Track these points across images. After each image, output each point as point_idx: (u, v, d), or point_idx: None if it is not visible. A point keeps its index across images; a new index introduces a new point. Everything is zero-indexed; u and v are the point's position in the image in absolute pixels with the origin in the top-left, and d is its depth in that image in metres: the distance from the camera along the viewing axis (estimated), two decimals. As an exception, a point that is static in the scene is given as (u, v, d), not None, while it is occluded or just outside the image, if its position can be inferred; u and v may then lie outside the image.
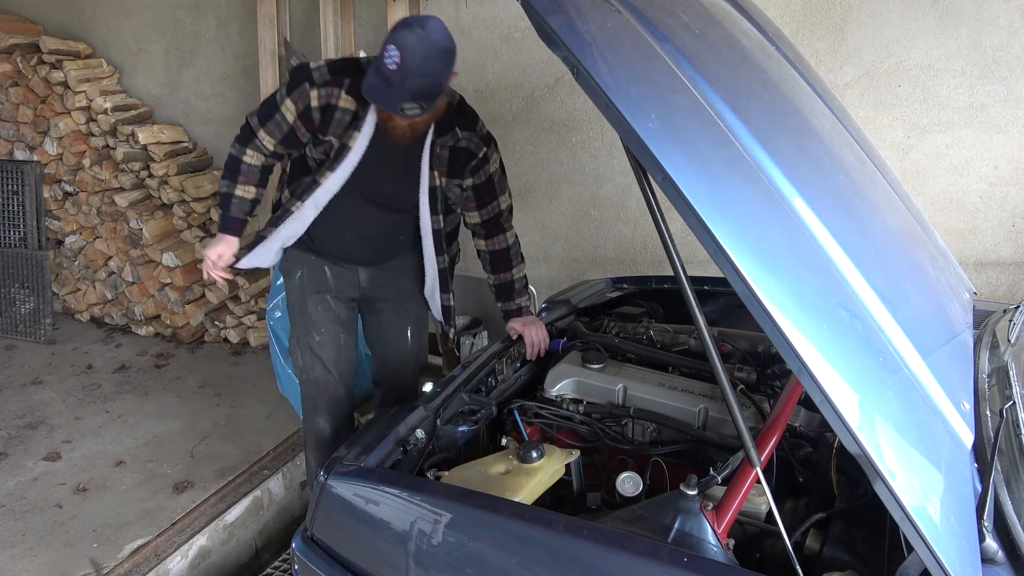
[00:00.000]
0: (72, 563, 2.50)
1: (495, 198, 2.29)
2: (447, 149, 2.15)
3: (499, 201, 2.30)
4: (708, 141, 1.19)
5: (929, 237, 1.92)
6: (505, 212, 2.34)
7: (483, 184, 2.25)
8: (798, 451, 1.68)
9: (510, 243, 2.36)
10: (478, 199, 2.28)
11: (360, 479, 1.50)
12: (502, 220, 2.33)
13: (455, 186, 2.22)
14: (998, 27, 2.61)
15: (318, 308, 2.40)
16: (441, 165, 2.16)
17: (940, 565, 1.03)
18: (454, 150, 2.16)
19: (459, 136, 2.15)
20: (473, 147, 2.17)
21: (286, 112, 2.11)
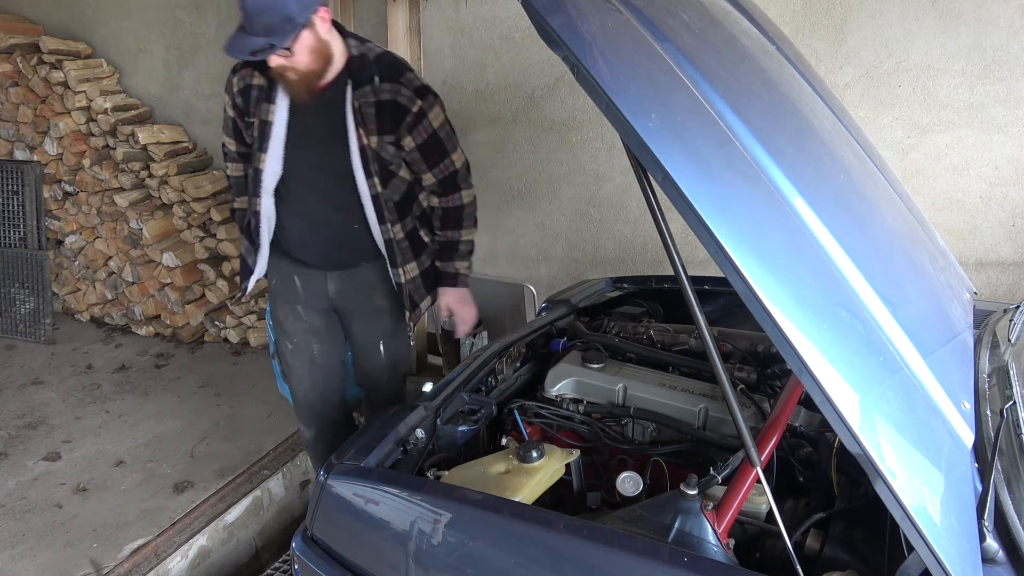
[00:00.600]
0: (72, 563, 2.50)
1: (446, 155, 2.18)
2: (372, 105, 2.04)
3: (452, 159, 2.19)
4: (708, 141, 1.19)
5: (929, 237, 1.92)
6: (461, 170, 2.23)
7: (427, 142, 2.12)
8: (798, 451, 1.68)
9: (464, 202, 2.27)
10: (426, 158, 2.16)
11: (360, 479, 1.50)
12: (458, 179, 2.23)
13: (389, 145, 2.10)
14: (998, 27, 2.61)
15: (288, 318, 2.39)
16: (368, 123, 2.05)
17: (940, 565, 1.03)
18: (380, 105, 2.05)
19: (381, 88, 2.04)
20: (404, 100, 2.05)
21: (227, 109, 2.20)
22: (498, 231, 3.73)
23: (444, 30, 3.51)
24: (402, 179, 2.19)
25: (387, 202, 2.16)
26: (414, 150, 2.13)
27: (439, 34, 3.53)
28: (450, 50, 3.53)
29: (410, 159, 2.16)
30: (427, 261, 2.34)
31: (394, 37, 3.48)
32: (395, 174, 2.16)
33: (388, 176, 2.14)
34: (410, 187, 2.23)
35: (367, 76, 2.03)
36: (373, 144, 2.07)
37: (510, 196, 3.64)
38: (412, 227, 2.27)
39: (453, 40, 3.51)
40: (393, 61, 2.10)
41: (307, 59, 1.93)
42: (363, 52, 2.06)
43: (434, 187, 2.24)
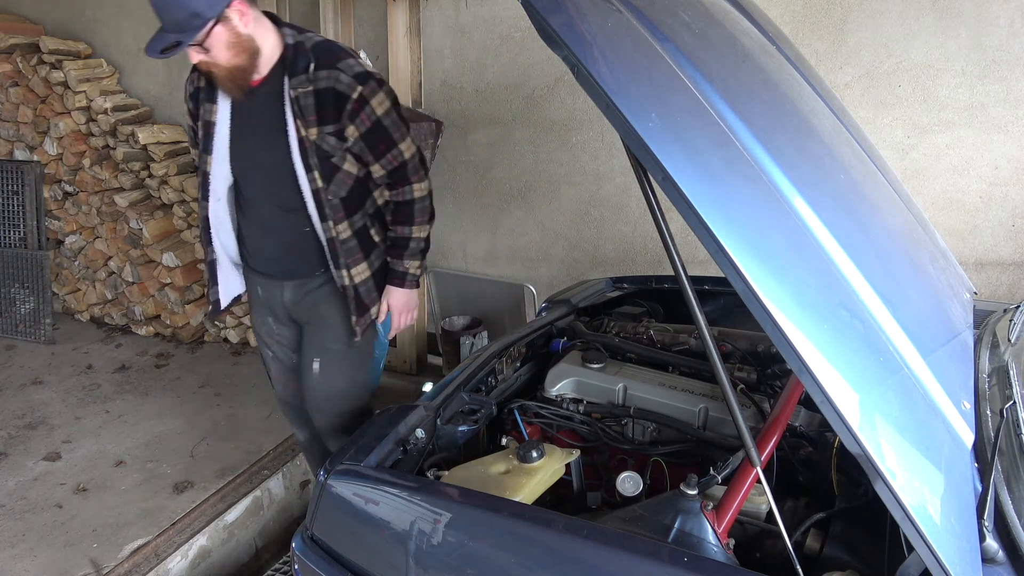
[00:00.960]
0: (72, 563, 2.50)
1: (393, 145, 2.06)
2: (310, 95, 1.95)
3: (400, 149, 2.07)
4: (708, 141, 1.19)
5: (929, 237, 1.92)
6: (411, 161, 2.10)
7: (371, 131, 2.01)
8: (798, 451, 1.68)
9: (416, 196, 2.14)
10: (372, 149, 2.05)
11: (360, 479, 1.50)
12: (408, 171, 2.11)
13: (329, 136, 1.99)
14: (998, 27, 2.61)
15: (263, 328, 2.37)
16: (307, 114, 1.96)
17: (940, 565, 1.03)
18: (319, 94, 1.95)
19: (316, 77, 1.95)
20: (343, 88, 1.95)
21: (187, 116, 2.18)
22: (498, 231, 3.73)
23: (444, 30, 3.51)
24: (347, 173, 2.07)
25: (330, 198, 2.05)
26: (358, 140, 2.02)
27: (439, 34, 3.53)
28: (450, 50, 3.53)
29: (356, 150, 2.05)
30: (377, 262, 2.21)
31: (394, 37, 3.49)
32: (338, 167, 2.04)
33: (331, 170, 2.04)
34: (360, 182, 2.11)
35: (303, 65, 1.95)
36: (312, 136, 1.98)
37: (510, 196, 3.64)
38: (361, 225, 2.15)
39: (453, 40, 3.51)
40: (332, 48, 2.00)
41: (227, 55, 1.88)
42: (299, 41, 1.98)
43: (384, 179, 2.14)
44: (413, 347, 3.87)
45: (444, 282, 3.88)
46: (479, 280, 3.80)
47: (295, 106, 1.96)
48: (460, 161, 3.69)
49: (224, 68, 1.90)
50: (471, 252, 3.84)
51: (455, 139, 3.65)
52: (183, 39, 1.78)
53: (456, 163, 3.70)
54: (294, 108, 1.96)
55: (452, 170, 3.73)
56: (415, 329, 3.86)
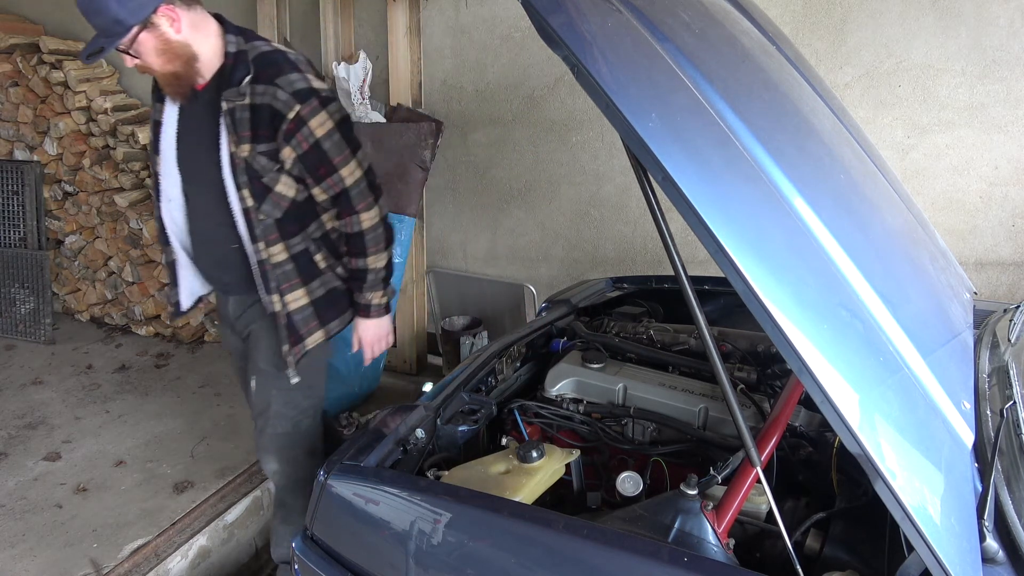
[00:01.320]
0: (72, 563, 2.49)
1: (333, 171, 1.93)
2: (246, 109, 1.85)
3: (340, 175, 1.94)
4: (708, 141, 1.19)
5: (929, 237, 1.92)
6: (353, 189, 1.96)
7: (308, 153, 1.90)
8: (798, 451, 1.68)
9: (364, 227, 2.00)
10: (311, 171, 1.93)
11: (360, 479, 1.50)
12: (352, 200, 1.97)
13: (261, 155, 1.88)
14: (998, 27, 2.61)
15: (224, 333, 2.35)
16: (240, 129, 1.85)
17: (940, 565, 1.03)
18: (255, 109, 1.85)
19: (254, 91, 1.84)
20: (279, 106, 1.84)
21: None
22: (498, 231, 3.74)
23: (444, 30, 3.51)
24: (281, 195, 1.94)
25: (263, 218, 1.93)
26: (296, 162, 1.92)
27: (439, 34, 3.53)
28: (450, 50, 3.53)
29: (296, 172, 1.94)
30: (320, 289, 2.07)
31: (394, 37, 3.49)
32: (271, 188, 1.92)
33: (263, 190, 1.91)
34: (300, 204, 1.99)
35: (239, 77, 1.84)
36: (244, 153, 1.87)
37: (510, 196, 3.64)
38: (302, 249, 2.02)
39: (453, 40, 3.51)
40: (276, 60, 1.87)
41: (158, 61, 1.82)
42: (242, 50, 1.88)
43: (328, 205, 2.02)
44: (413, 347, 3.87)
45: (444, 282, 3.88)
46: (479, 280, 3.80)
47: (228, 119, 1.86)
48: (460, 161, 3.69)
49: (159, 74, 1.86)
50: (471, 252, 3.85)
51: (455, 139, 3.65)
52: (106, 45, 1.74)
53: (456, 163, 3.70)
54: (227, 122, 1.86)
55: (452, 170, 3.73)
56: (415, 329, 3.86)
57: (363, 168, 1.98)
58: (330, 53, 3.65)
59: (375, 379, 3.62)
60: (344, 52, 3.68)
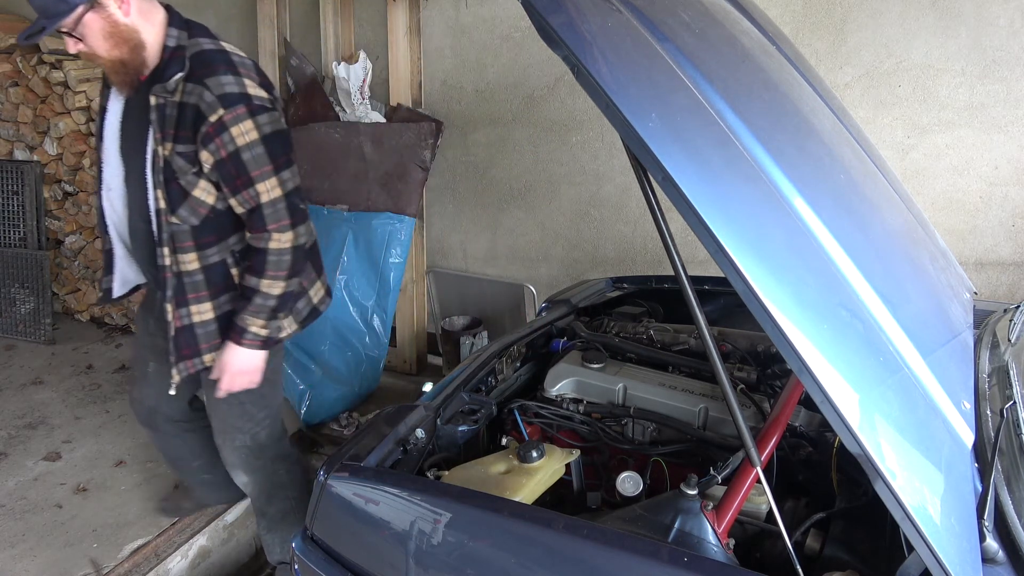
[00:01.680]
0: (72, 563, 2.49)
1: (250, 184, 1.81)
2: (175, 106, 1.78)
3: (256, 190, 1.81)
4: (708, 141, 1.19)
5: (929, 237, 1.92)
6: (268, 207, 1.83)
7: (226, 161, 1.79)
8: (798, 451, 1.68)
9: (269, 247, 1.86)
10: (226, 180, 1.83)
11: (360, 479, 1.50)
12: (266, 218, 1.84)
13: (180, 156, 1.80)
14: (998, 27, 2.61)
15: (139, 324, 2.23)
16: (166, 126, 1.78)
17: (940, 565, 1.03)
18: (182, 108, 1.78)
19: (184, 89, 1.77)
20: (203, 107, 1.75)
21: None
22: (498, 231, 3.74)
23: (444, 30, 3.51)
24: (199, 201, 1.85)
25: (176, 222, 1.85)
26: (213, 168, 1.82)
27: (439, 34, 3.53)
28: (450, 50, 3.53)
29: (214, 179, 1.85)
30: (227, 305, 1.97)
31: (394, 37, 3.49)
32: (188, 192, 1.84)
33: (179, 193, 1.83)
34: (219, 214, 1.90)
35: (172, 72, 1.77)
36: (165, 151, 1.80)
37: (510, 196, 3.64)
38: (218, 260, 1.93)
39: (453, 40, 3.51)
40: (211, 60, 1.79)
41: (104, 45, 1.74)
42: (181, 45, 1.81)
43: (245, 218, 1.90)
44: (413, 347, 3.87)
45: (444, 282, 3.88)
46: (479, 280, 3.80)
47: (155, 115, 1.78)
48: (460, 161, 3.69)
49: (104, 60, 1.77)
50: (471, 252, 3.85)
51: (455, 139, 3.65)
52: (47, 25, 1.66)
53: (456, 163, 3.70)
54: (154, 117, 1.79)
55: (452, 170, 3.73)
56: (415, 329, 3.86)
57: (285, 188, 1.85)
58: (330, 53, 3.65)
59: (375, 379, 3.62)
60: (344, 52, 3.68)
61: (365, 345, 3.52)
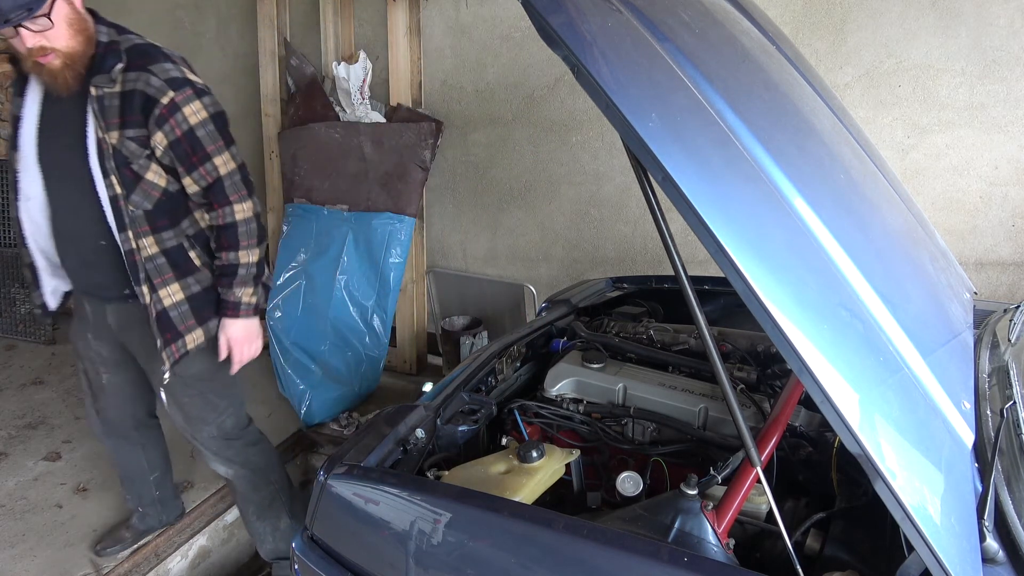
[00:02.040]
0: (72, 563, 2.50)
1: (207, 159, 1.91)
2: (115, 96, 1.83)
3: (214, 163, 1.92)
4: (708, 140, 1.19)
5: (929, 237, 1.92)
6: (227, 179, 1.95)
7: (180, 140, 1.88)
8: (798, 451, 1.68)
9: (237, 218, 1.97)
10: (183, 160, 1.91)
11: (360, 479, 1.50)
12: (226, 189, 1.95)
13: (129, 141, 1.85)
14: (998, 27, 2.61)
15: (79, 343, 2.22)
16: (109, 116, 1.83)
17: (941, 565, 1.03)
18: (125, 96, 1.83)
19: (125, 78, 1.83)
20: (152, 91, 1.83)
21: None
22: (498, 231, 3.74)
23: (444, 30, 3.51)
24: (152, 184, 1.92)
25: (132, 209, 1.90)
26: (167, 150, 1.89)
27: (439, 34, 3.53)
28: (450, 50, 3.53)
29: (166, 161, 1.92)
30: (196, 286, 2.03)
31: (394, 37, 3.49)
32: (140, 176, 1.90)
33: (132, 178, 1.89)
34: (172, 197, 1.97)
35: (111, 64, 1.83)
36: (112, 139, 1.84)
37: (510, 196, 3.64)
38: (175, 244, 1.99)
39: (453, 40, 3.51)
40: (148, 51, 1.88)
41: (67, 34, 1.76)
42: (114, 40, 1.88)
43: (199, 198, 1.99)
44: (413, 347, 3.87)
45: (444, 282, 3.89)
46: (479, 280, 3.80)
47: (96, 106, 1.83)
48: (460, 161, 3.69)
49: (63, 53, 1.77)
50: (471, 252, 3.84)
51: (455, 139, 3.65)
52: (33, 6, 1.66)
53: (456, 163, 3.70)
54: (94, 108, 1.83)
55: (452, 170, 3.73)
56: (415, 329, 3.86)
57: (237, 162, 1.97)
58: (330, 53, 3.65)
59: (375, 379, 3.62)
60: (344, 52, 3.68)
61: (365, 345, 3.52)
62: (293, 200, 3.67)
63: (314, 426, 3.34)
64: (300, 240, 3.58)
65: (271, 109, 3.87)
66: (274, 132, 3.87)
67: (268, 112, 3.89)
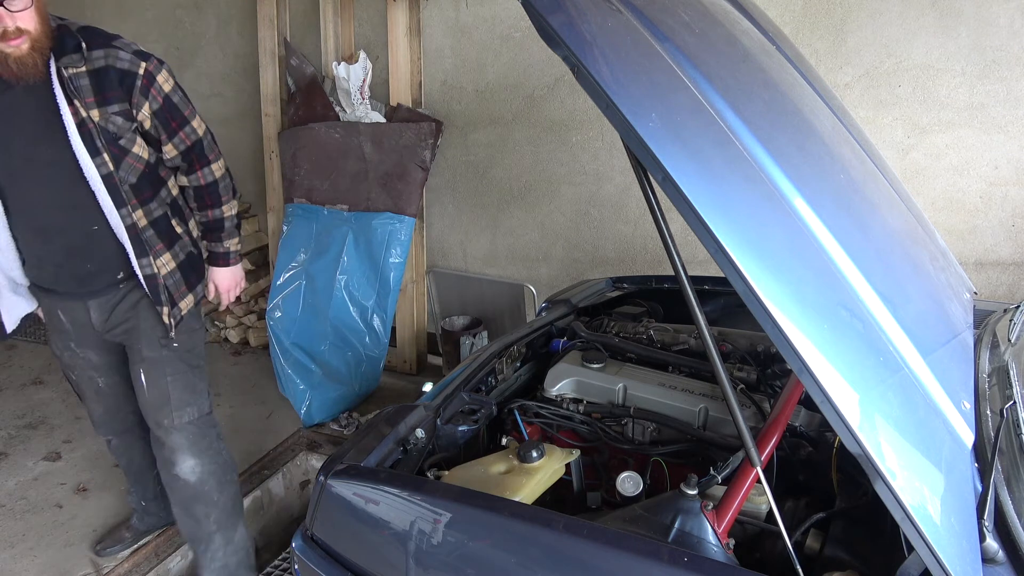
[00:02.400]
0: (72, 563, 2.50)
1: (185, 122, 1.99)
2: (84, 76, 1.82)
3: (192, 126, 2.01)
4: (709, 140, 1.19)
5: (929, 236, 1.92)
6: (205, 139, 2.05)
7: (162, 107, 1.94)
8: (798, 451, 1.68)
9: (217, 176, 2.09)
10: (164, 126, 1.96)
11: (360, 479, 1.50)
12: (205, 149, 2.05)
13: (115, 115, 1.87)
14: (998, 27, 2.61)
15: (65, 353, 2.17)
16: (84, 95, 1.82)
17: (940, 565, 1.03)
18: (96, 74, 1.83)
19: (92, 56, 1.83)
20: (125, 65, 1.86)
21: None
22: (498, 231, 3.74)
23: (444, 30, 3.51)
24: (137, 156, 1.94)
25: (123, 184, 1.91)
26: (152, 118, 1.94)
27: (439, 34, 3.53)
28: (450, 50, 3.53)
29: (150, 130, 1.96)
30: (181, 254, 2.09)
31: (394, 37, 3.49)
32: (127, 150, 1.91)
33: (121, 153, 1.90)
34: (151, 168, 2.00)
35: (72, 45, 1.82)
36: (96, 117, 1.84)
37: (510, 196, 3.64)
38: (161, 214, 2.03)
39: (453, 40, 3.51)
40: (97, 31, 1.89)
41: (37, 17, 1.73)
42: (63, 23, 1.86)
43: (178, 162, 2.04)
44: (413, 347, 3.87)
45: (444, 282, 3.89)
46: (479, 280, 3.80)
47: (69, 87, 1.80)
48: (460, 161, 3.69)
49: (31, 36, 1.73)
50: (471, 252, 3.84)
51: (455, 139, 3.65)
52: None
53: (456, 163, 3.70)
54: (68, 89, 1.80)
55: (452, 170, 3.73)
56: (415, 329, 3.86)
57: (205, 124, 2.07)
58: (330, 53, 3.65)
59: (375, 379, 3.62)
60: (344, 52, 3.68)
61: (365, 345, 3.52)
62: (293, 200, 3.67)
63: (314, 426, 3.34)
64: (300, 240, 3.58)
65: (271, 109, 3.88)
66: (274, 132, 3.87)
67: (268, 112, 3.89)
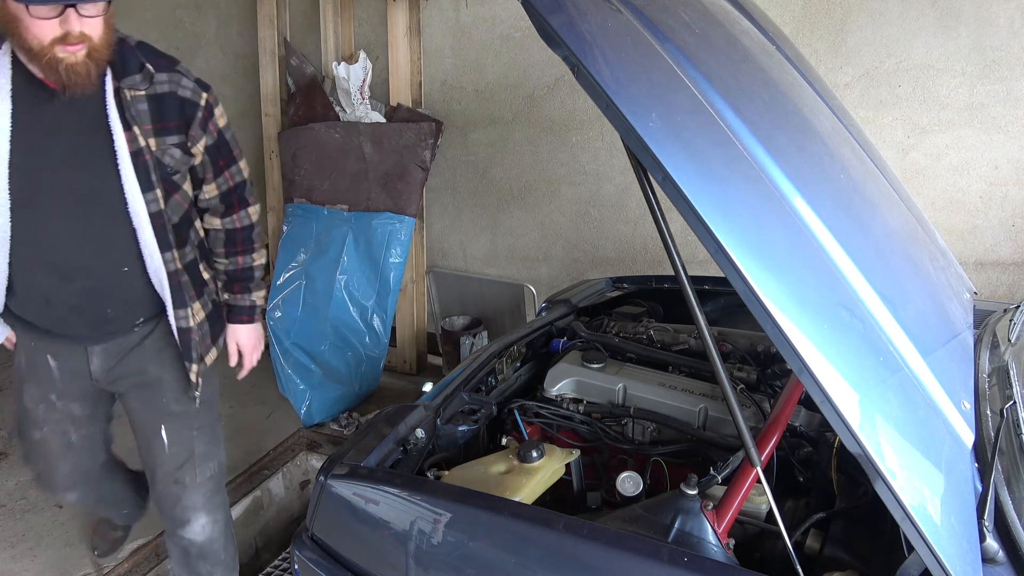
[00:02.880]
0: (72, 563, 2.50)
1: (233, 162, 1.83)
2: (144, 100, 1.61)
3: (239, 167, 1.86)
4: (709, 140, 1.19)
5: (929, 237, 1.92)
6: (248, 182, 1.89)
7: (216, 143, 1.77)
8: (798, 451, 1.68)
9: (254, 220, 1.91)
10: (213, 163, 1.78)
11: (360, 479, 1.50)
12: (246, 192, 1.88)
13: (174, 147, 1.67)
14: (998, 27, 2.61)
15: (39, 407, 1.86)
16: (143, 121, 1.61)
17: (941, 565, 1.03)
18: (157, 99, 1.63)
19: (155, 78, 1.63)
20: (188, 93, 1.67)
21: None
22: (498, 231, 3.74)
23: (444, 30, 3.51)
24: (185, 194, 1.76)
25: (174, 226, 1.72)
26: (203, 153, 1.75)
27: (439, 34, 3.53)
28: (450, 50, 3.53)
29: (200, 168, 1.79)
30: (209, 303, 1.89)
31: (394, 37, 3.49)
32: (179, 187, 1.73)
33: (172, 189, 1.70)
34: (190, 209, 1.82)
35: (135, 64, 1.61)
36: (154, 147, 1.63)
37: (510, 196, 3.64)
38: (192, 259, 1.82)
39: (453, 40, 3.51)
40: (156, 49, 1.70)
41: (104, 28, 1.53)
42: (122, 37, 1.66)
43: (215, 203, 1.85)
44: (413, 347, 3.87)
45: (444, 282, 3.89)
46: (479, 280, 3.80)
47: (128, 111, 1.59)
48: (460, 161, 3.69)
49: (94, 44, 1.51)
50: (471, 252, 3.85)
51: (455, 139, 3.65)
52: None
53: (456, 163, 3.70)
54: (127, 114, 1.59)
55: (452, 170, 3.73)
56: (415, 329, 3.86)
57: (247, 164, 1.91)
58: (330, 53, 3.65)
59: (375, 379, 3.62)
60: (344, 52, 3.69)
61: (365, 345, 3.52)
62: (293, 200, 3.68)
63: (314, 426, 3.34)
64: (300, 240, 3.58)
65: (271, 109, 3.88)
66: (274, 132, 3.87)
67: (268, 112, 3.89)
